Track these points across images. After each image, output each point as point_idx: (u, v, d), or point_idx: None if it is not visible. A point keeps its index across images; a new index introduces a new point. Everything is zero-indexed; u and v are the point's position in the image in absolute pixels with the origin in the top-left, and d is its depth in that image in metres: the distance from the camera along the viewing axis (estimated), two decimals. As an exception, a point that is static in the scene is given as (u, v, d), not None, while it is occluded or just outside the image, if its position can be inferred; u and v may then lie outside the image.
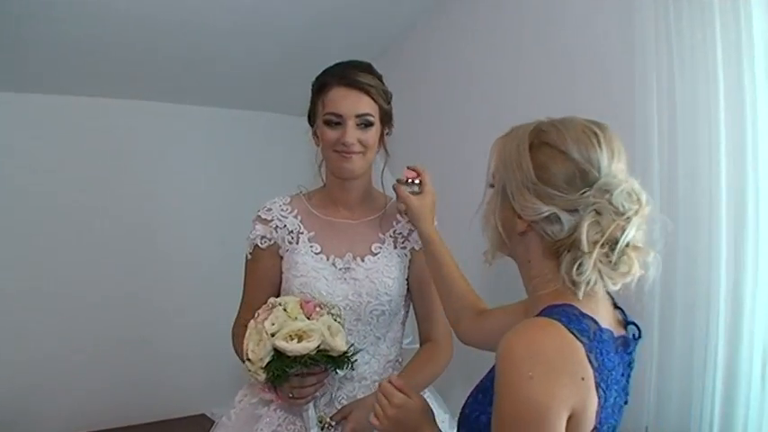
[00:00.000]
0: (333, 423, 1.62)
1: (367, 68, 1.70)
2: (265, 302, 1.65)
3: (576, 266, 1.08)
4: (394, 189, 1.70)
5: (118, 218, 3.31)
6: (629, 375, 1.19)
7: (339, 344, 1.48)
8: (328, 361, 1.49)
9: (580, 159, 1.10)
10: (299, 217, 1.74)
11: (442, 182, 1.87)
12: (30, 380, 3.07)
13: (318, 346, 1.45)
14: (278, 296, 1.71)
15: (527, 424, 1.00)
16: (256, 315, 1.53)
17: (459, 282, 1.59)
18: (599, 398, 1.04)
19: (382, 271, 1.70)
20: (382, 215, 1.79)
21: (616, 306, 1.22)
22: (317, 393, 1.59)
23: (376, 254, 1.72)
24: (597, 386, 1.03)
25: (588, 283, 1.07)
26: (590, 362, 1.03)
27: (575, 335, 1.03)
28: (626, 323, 1.22)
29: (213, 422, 3.12)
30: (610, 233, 1.07)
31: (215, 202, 3.55)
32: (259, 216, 1.74)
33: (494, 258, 1.27)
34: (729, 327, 1.79)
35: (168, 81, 3.27)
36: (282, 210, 1.74)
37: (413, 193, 1.68)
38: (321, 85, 1.67)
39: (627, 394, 1.19)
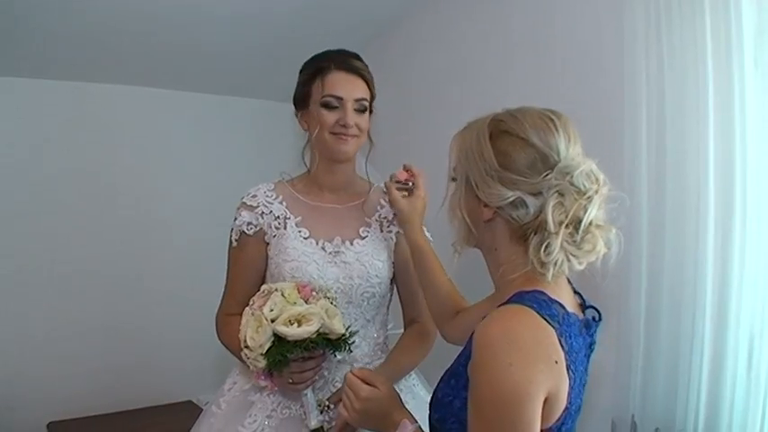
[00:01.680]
0: (331, 406, 1.62)
1: (358, 57, 1.74)
2: (251, 290, 1.64)
3: (543, 248, 1.11)
4: (385, 186, 1.72)
5: (104, 204, 3.29)
6: (589, 356, 1.24)
7: (337, 326, 1.49)
8: (327, 344, 1.50)
9: (540, 144, 1.14)
10: (285, 203, 1.74)
11: (429, 174, 1.87)
12: (16, 367, 3.05)
13: (318, 330, 1.45)
14: (262, 283, 1.70)
15: (507, 409, 1.03)
16: (251, 302, 1.53)
17: (445, 285, 1.62)
18: (569, 379, 1.08)
19: (371, 254, 1.72)
20: (367, 200, 1.81)
21: (575, 291, 1.28)
22: (316, 377, 1.59)
23: (364, 237, 1.75)
24: (568, 368, 1.08)
25: (556, 263, 1.11)
26: (561, 345, 1.07)
27: (546, 320, 1.07)
28: (585, 307, 1.27)
29: (199, 408, 3.14)
30: (573, 213, 1.11)
31: (203, 187, 3.53)
32: (244, 203, 1.73)
33: (462, 249, 1.30)
34: (716, 315, 1.80)
35: (155, 67, 3.24)
36: (268, 196, 1.74)
37: (402, 191, 1.70)
38: (318, 69, 1.69)
39: (587, 375, 1.23)
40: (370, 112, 1.74)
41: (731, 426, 1.76)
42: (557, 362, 1.06)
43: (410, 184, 1.70)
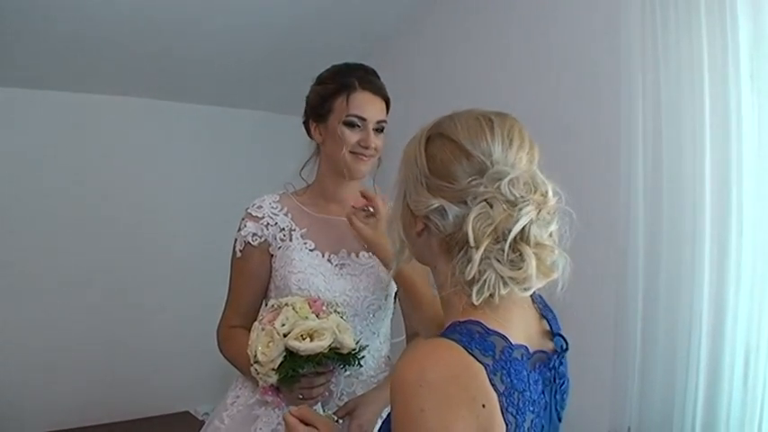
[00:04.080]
0: (340, 420, 1.58)
1: (377, 74, 1.74)
2: (255, 302, 1.62)
3: (468, 265, 0.98)
4: (347, 218, 1.65)
5: (102, 215, 3.29)
6: (557, 391, 1.09)
7: (349, 341, 1.47)
8: (338, 359, 1.48)
9: (470, 147, 1.03)
10: (290, 214, 1.72)
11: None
12: (12, 376, 3.04)
13: (330, 344, 1.43)
14: (265, 296, 1.71)
15: None
16: (261, 317, 1.50)
17: (432, 307, 1.47)
18: (508, 424, 0.95)
19: (377, 266, 1.70)
20: None
21: (543, 315, 1.13)
22: (326, 393, 1.57)
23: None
24: (504, 411, 0.94)
25: (485, 284, 0.97)
26: (494, 385, 0.94)
27: (475, 356, 0.94)
28: (553, 335, 1.12)
29: (197, 419, 3.14)
30: (500, 225, 0.97)
31: (200, 198, 3.54)
32: (249, 213, 1.71)
33: (398, 265, 1.21)
34: (712, 327, 1.81)
35: (156, 78, 3.26)
36: (273, 207, 1.72)
37: (368, 218, 1.64)
38: (343, 85, 1.67)
39: (558, 410, 1.10)
40: None
41: (728, 437, 1.77)
42: (484, 405, 0.92)
43: (370, 209, 1.65)
